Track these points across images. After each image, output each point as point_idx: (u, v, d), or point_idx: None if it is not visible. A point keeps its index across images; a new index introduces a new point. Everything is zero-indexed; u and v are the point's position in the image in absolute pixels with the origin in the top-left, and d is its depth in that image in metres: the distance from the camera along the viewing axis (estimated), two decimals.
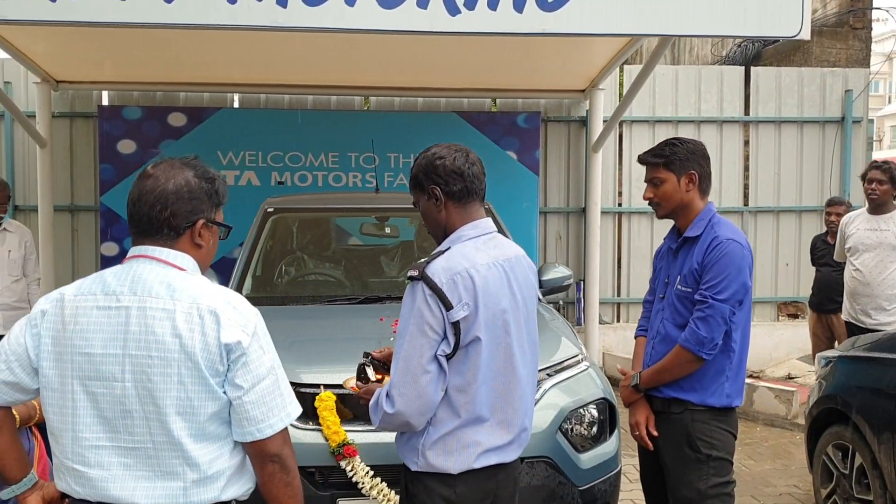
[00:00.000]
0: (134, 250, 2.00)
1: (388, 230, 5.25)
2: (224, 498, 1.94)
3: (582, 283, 8.37)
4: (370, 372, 2.68)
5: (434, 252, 2.46)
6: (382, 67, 7.53)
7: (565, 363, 3.75)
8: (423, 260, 2.42)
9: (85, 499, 1.91)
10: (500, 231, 4.97)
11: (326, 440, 3.27)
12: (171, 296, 1.89)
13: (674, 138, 3.18)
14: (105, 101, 8.07)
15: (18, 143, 7.84)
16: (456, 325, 2.33)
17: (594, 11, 4.35)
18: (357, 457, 3.25)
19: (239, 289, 4.49)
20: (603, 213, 8.34)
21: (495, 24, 4.33)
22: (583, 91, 8.30)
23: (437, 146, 2.57)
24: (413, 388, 2.32)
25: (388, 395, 2.36)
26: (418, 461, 2.40)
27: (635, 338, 3.39)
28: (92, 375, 1.88)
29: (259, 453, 1.94)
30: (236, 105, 8.30)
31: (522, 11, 4.32)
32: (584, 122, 8.51)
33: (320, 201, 5.62)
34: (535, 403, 3.49)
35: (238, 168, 7.84)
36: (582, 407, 3.65)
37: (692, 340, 2.94)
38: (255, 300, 4.37)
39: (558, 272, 4.97)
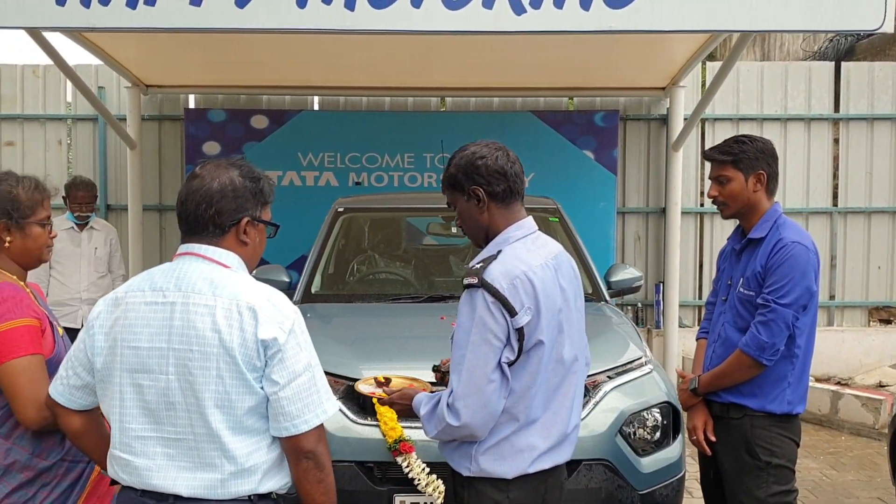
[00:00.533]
0: (181, 248, 2.06)
1: (454, 230, 5.27)
2: (261, 490, 1.98)
3: (661, 285, 8.21)
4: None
5: (483, 256, 2.40)
6: (458, 68, 7.56)
7: (628, 365, 3.70)
8: (476, 266, 2.35)
9: (131, 486, 1.98)
10: (569, 233, 4.98)
11: (384, 436, 3.32)
12: (213, 292, 1.95)
13: (743, 136, 3.08)
14: (191, 105, 8.35)
15: (111, 145, 8.19)
16: (520, 331, 2.29)
17: (663, 8, 4.27)
18: (413, 453, 3.27)
19: (308, 286, 4.59)
20: (683, 213, 8.17)
21: (561, 23, 4.30)
22: (663, 89, 8.15)
23: (474, 145, 2.49)
24: (479, 398, 2.27)
25: (449, 406, 2.31)
26: (471, 467, 2.36)
27: (696, 340, 3.32)
28: (139, 368, 1.96)
29: (294, 449, 1.97)
30: (316, 107, 8.47)
31: (589, 9, 4.28)
32: (664, 121, 8.34)
33: (389, 201, 5.69)
34: (595, 406, 3.50)
35: (317, 169, 8.01)
36: (644, 410, 3.59)
37: (753, 345, 2.86)
38: (323, 297, 4.55)
39: (628, 273, 4.91)
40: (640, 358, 3.76)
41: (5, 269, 2.47)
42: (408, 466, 3.27)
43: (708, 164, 8.40)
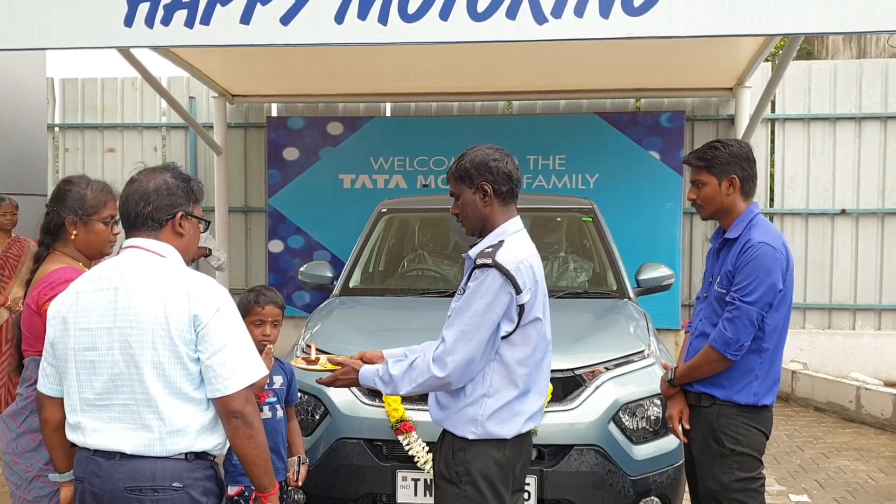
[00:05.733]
0: (125, 242, 2.40)
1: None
2: (196, 448, 2.27)
3: None
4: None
5: (488, 244, 2.70)
6: (525, 72, 7.76)
7: (629, 358, 3.87)
8: (488, 250, 2.66)
9: (85, 447, 2.30)
10: (600, 232, 5.15)
11: (388, 416, 3.61)
12: (150, 277, 2.28)
13: (716, 141, 3.22)
14: (274, 113, 8.89)
15: (201, 151, 8.83)
16: (521, 307, 2.63)
17: (680, 13, 4.38)
18: (414, 432, 3.56)
19: (347, 281, 4.95)
20: None
21: (581, 31, 4.47)
22: (730, 89, 8.13)
23: (487, 147, 2.82)
24: (466, 356, 2.60)
25: (435, 360, 2.62)
26: (476, 430, 2.67)
27: (685, 332, 3.46)
28: (90, 346, 2.28)
29: (224, 409, 2.27)
30: (388, 114, 8.87)
31: (608, 17, 4.43)
32: (733, 121, 8.30)
33: (431, 202, 5.96)
34: (590, 395, 3.70)
35: (387, 172, 8.40)
36: (644, 399, 3.76)
37: (719, 341, 3.00)
38: (360, 291, 4.89)
39: (657, 271, 5.01)
40: (643, 351, 3.92)
41: (72, 257, 2.88)
42: (408, 445, 3.56)
43: (780, 165, 8.37)
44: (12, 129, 6.99)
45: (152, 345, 2.23)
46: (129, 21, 4.72)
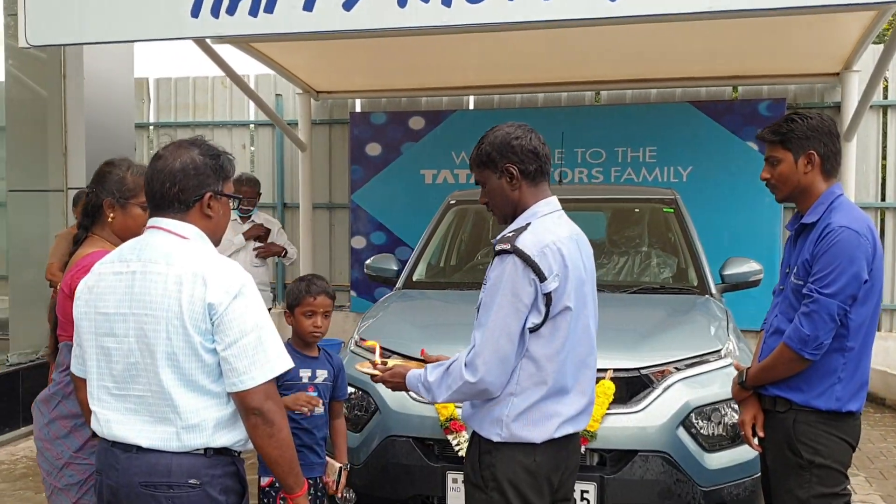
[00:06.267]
0: (150, 222, 2.26)
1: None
2: (215, 444, 2.13)
3: None
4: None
5: (514, 228, 2.48)
6: (613, 60, 7.43)
7: (703, 357, 3.56)
8: (509, 234, 2.45)
9: (104, 437, 2.20)
10: (682, 223, 4.81)
11: (438, 414, 3.42)
12: (168, 261, 2.13)
13: (794, 113, 2.88)
14: (357, 109, 8.83)
15: (287, 148, 8.87)
16: (548, 296, 2.38)
17: None
18: (464, 431, 3.36)
19: (410, 274, 4.78)
20: (861, 207, 7.48)
21: (658, 6, 4.18)
22: (837, 74, 7.56)
23: (507, 126, 2.59)
24: (497, 356, 2.37)
25: (467, 364, 2.40)
26: (502, 432, 2.43)
27: (759, 330, 3.13)
28: (107, 332, 2.16)
29: (242, 404, 2.11)
30: (472, 107, 8.67)
31: None
32: (839, 109, 7.72)
33: None
34: (658, 397, 3.41)
35: (468, 167, 8.19)
36: (720, 403, 3.44)
37: (795, 338, 2.66)
38: (423, 284, 4.71)
39: (745, 266, 4.65)
40: (719, 350, 3.59)
41: (109, 241, 2.82)
42: (458, 444, 3.36)
43: (893, 155, 7.78)
44: (101, 127, 7.16)
45: (166, 334, 2.09)
46: (195, 12, 4.73)
